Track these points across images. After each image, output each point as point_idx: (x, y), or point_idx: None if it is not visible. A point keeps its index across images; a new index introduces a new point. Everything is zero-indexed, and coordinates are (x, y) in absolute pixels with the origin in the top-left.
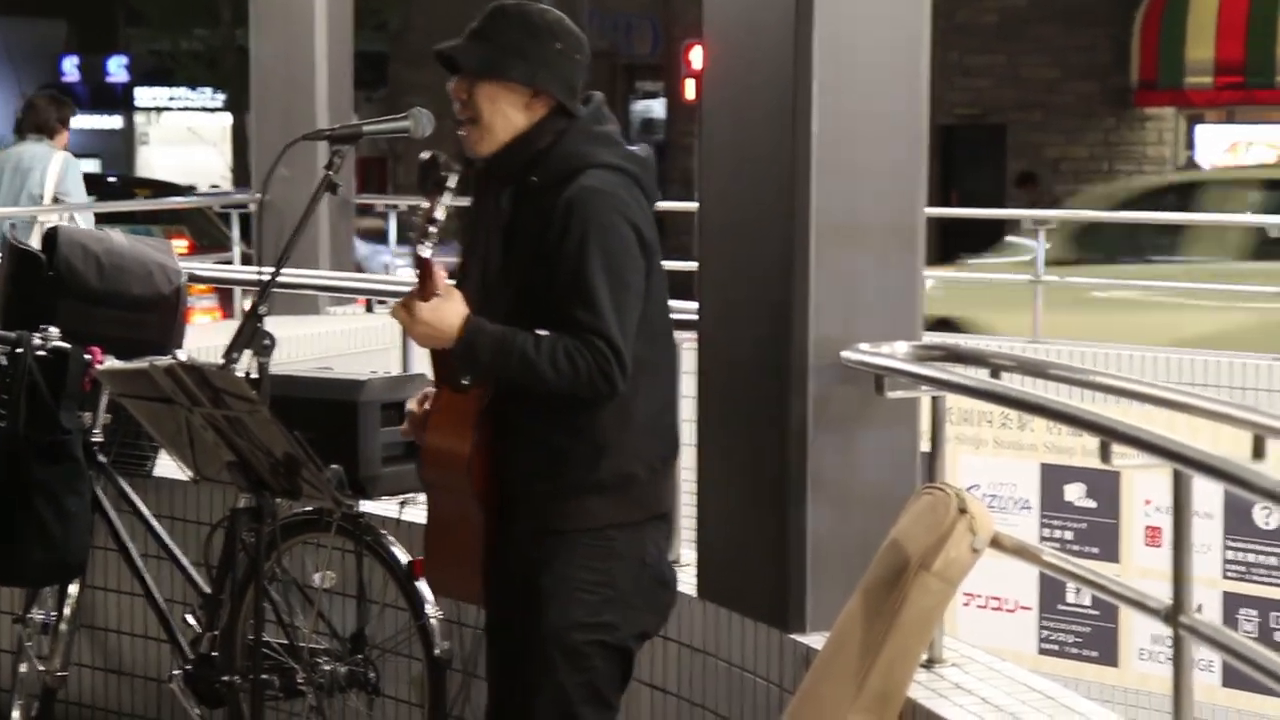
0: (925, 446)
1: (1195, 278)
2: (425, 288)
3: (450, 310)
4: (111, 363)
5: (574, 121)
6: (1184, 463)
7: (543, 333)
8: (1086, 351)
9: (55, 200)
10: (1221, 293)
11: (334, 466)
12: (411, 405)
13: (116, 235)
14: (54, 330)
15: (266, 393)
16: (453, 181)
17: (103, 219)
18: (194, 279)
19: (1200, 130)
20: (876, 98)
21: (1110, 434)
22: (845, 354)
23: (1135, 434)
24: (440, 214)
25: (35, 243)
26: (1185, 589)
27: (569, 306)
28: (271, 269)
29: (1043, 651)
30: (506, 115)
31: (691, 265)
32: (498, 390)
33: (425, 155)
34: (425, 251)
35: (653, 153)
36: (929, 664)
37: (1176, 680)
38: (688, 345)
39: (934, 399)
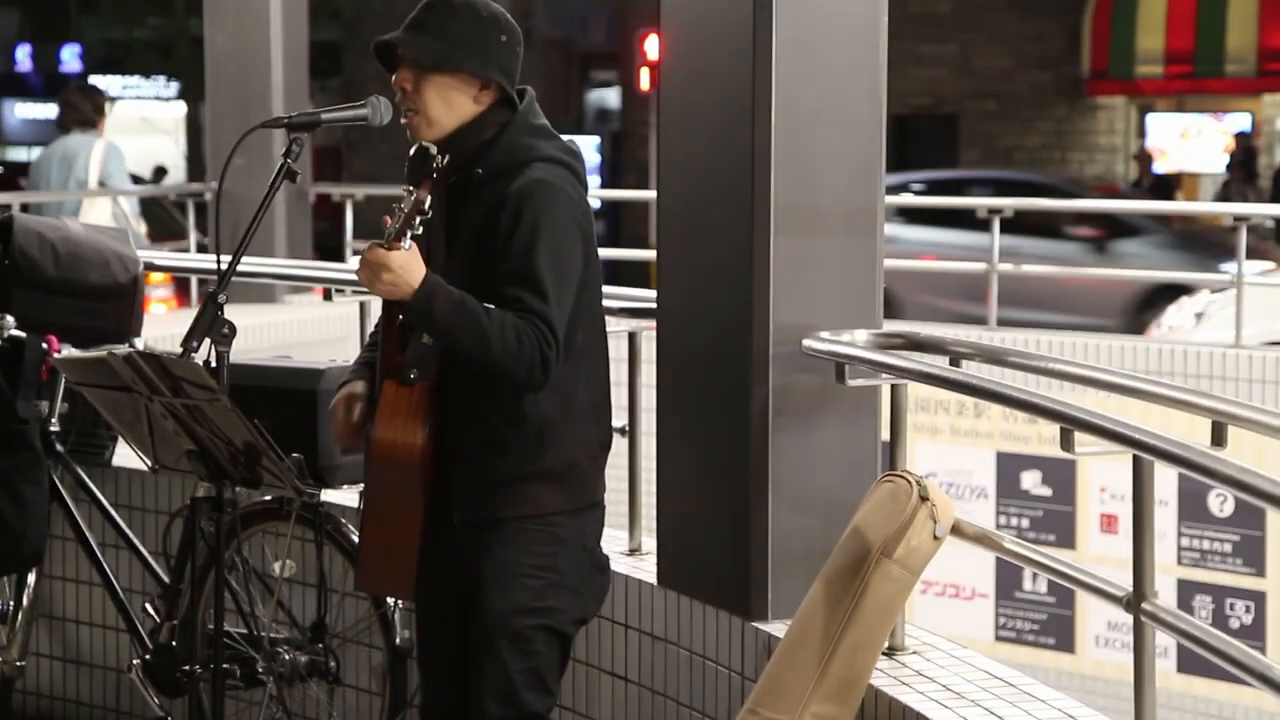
0: (885, 435)
1: None
2: (390, 245)
3: (415, 263)
4: (69, 351)
5: (515, 114)
6: (1145, 450)
7: (492, 307)
8: (1043, 339)
9: (100, 186)
10: None
11: (294, 455)
12: (338, 409)
13: (74, 224)
14: (10, 319)
15: (225, 381)
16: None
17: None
18: (151, 267)
19: (1151, 119)
20: (835, 85)
21: (1071, 421)
22: (806, 342)
23: (1096, 421)
24: (429, 204)
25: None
26: (1146, 575)
27: (515, 289)
28: (229, 257)
29: (999, 639)
30: (454, 106)
31: (647, 254)
32: (442, 382)
33: (416, 147)
34: (405, 243)
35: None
36: (891, 652)
37: (1138, 666)
38: (646, 334)
39: (894, 387)
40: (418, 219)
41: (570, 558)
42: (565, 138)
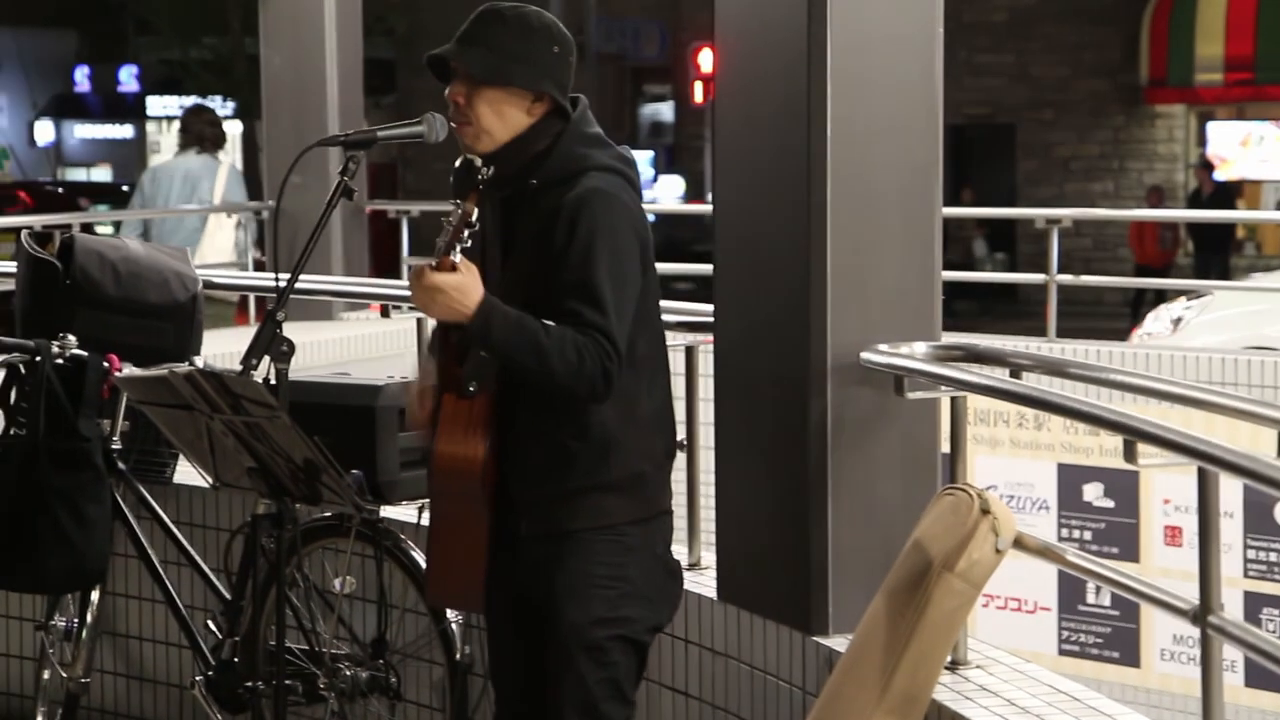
0: (944, 448)
1: None
2: (441, 263)
3: (471, 283)
4: (130, 370)
5: (568, 124)
6: (1210, 461)
7: (550, 324)
8: (1104, 349)
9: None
10: None
11: (354, 471)
12: (413, 403)
13: (133, 243)
14: (72, 338)
15: (285, 398)
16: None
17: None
18: (210, 286)
19: (1212, 127)
20: (891, 96)
21: (1135, 433)
22: (864, 355)
23: (1160, 433)
24: (475, 217)
25: (207, 247)
26: (1213, 588)
27: (574, 303)
28: (287, 275)
29: (1063, 652)
30: (507, 118)
31: (703, 268)
32: (502, 394)
33: (460, 160)
34: (455, 256)
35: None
36: (953, 666)
37: (1206, 681)
38: (704, 348)
39: (954, 399)
40: (465, 232)
41: (641, 566)
42: (620, 147)
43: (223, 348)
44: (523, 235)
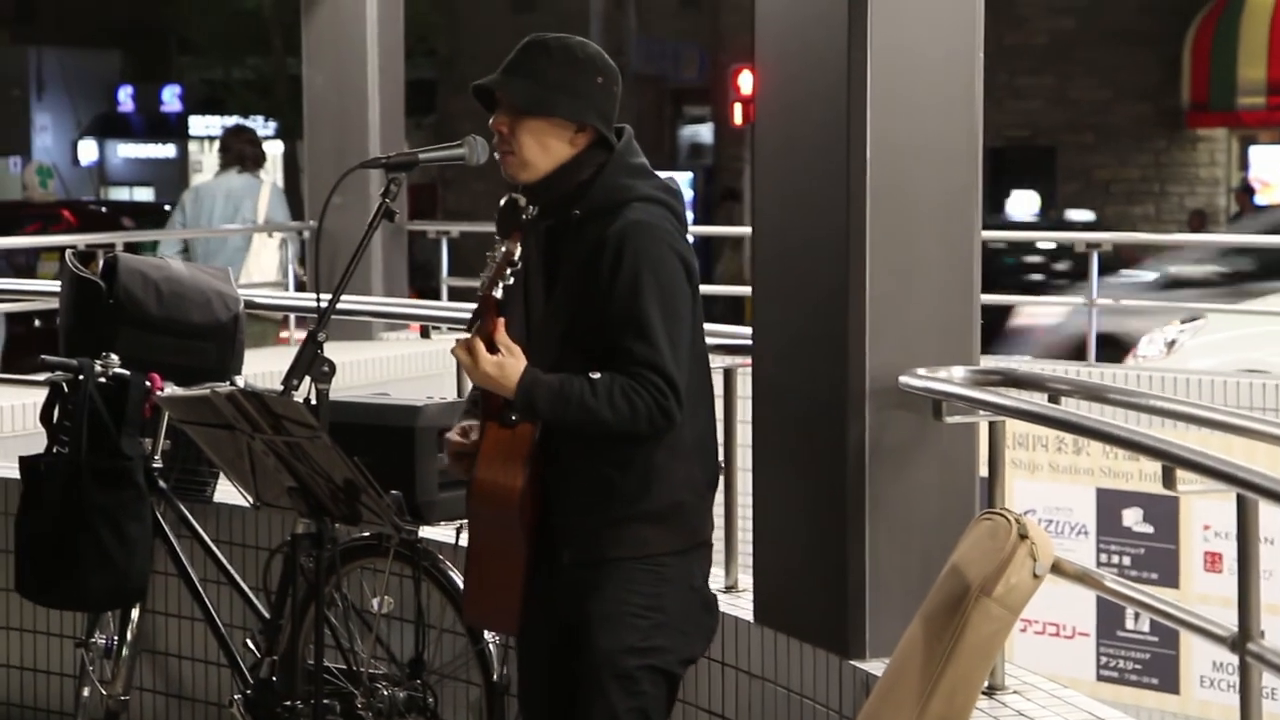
0: (982, 471)
1: None
2: (486, 323)
3: (511, 366)
4: (171, 389)
5: (612, 155)
6: (1250, 488)
7: (596, 375)
8: (1142, 374)
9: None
10: None
11: (394, 492)
12: (453, 435)
13: (175, 263)
14: (114, 357)
15: (326, 419)
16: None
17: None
18: (251, 305)
19: (1254, 151)
20: (931, 120)
21: (1174, 459)
22: (903, 379)
23: (1199, 459)
24: (518, 255)
25: (252, 266)
26: (1252, 616)
27: (623, 339)
28: (329, 295)
29: (1101, 678)
30: (550, 149)
31: (740, 290)
32: (546, 424)
33: (505, 198)
34: (497, 293)
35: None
36: (990, 691)
37: (1244, 708)
38: (742, 370)
39: (991, 424)
40: (508, 270)
41: (677, 598)
42: (663, 175)
43: (264, 367)
44: (566, 266)
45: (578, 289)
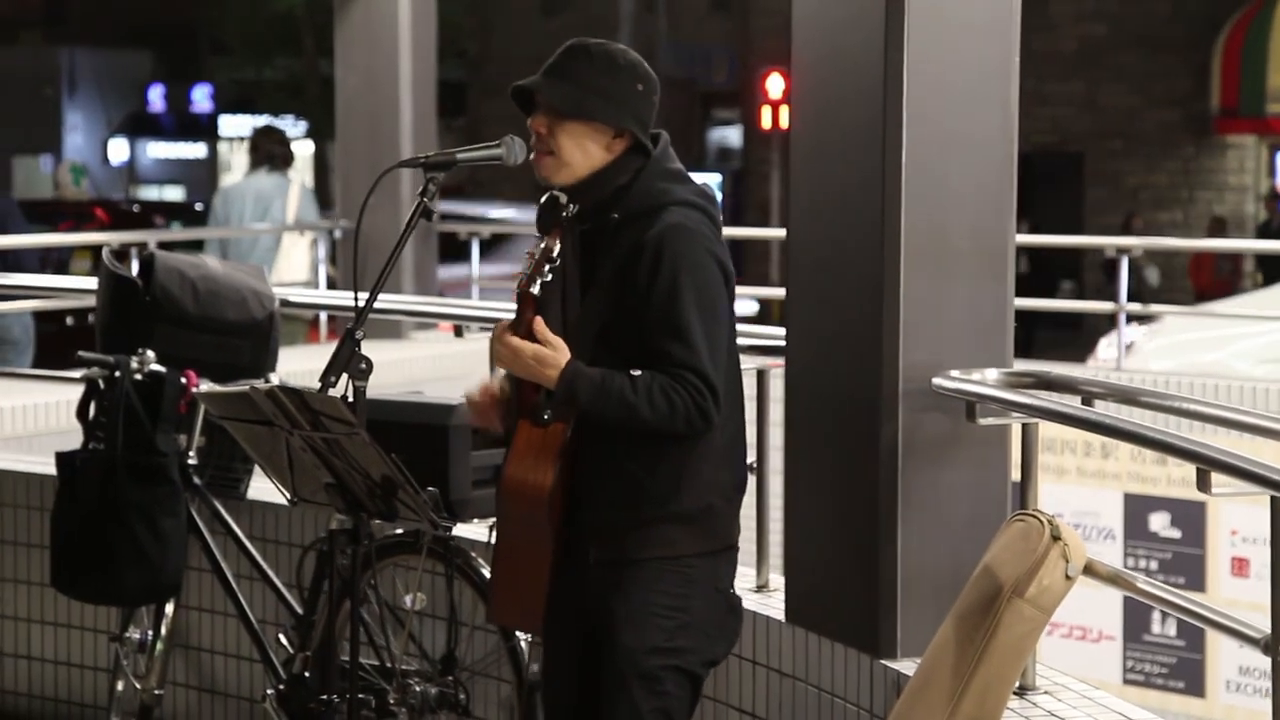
0: (1014, 475)
1: None
2: (522, 320)
3: (552, 356)
4: (210, 386)
5: (649, 160)
6: None
7: (637, 372)
8: (1172, 378)
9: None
10: None
11: (430, 489)
12: (472, 392)
13: (212, 261)
14: (150, 354)
15: (363, 416)
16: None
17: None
18: (287, 304)
19: None
20: (966, 122)
21: (1209, 462)
22: (936, 380)
23: (1235, 462)
24: (557, 252)
25: (282, 266)
26: None
27: (663, 342)
28: (366, 294)
29: (1127, 682)
30: (588, 153)
31: (773, 291)
32: (578, 422)
33: (546, 196)
34: (535, 288)
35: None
36: (1021, 691)
37: (1276, 712)
38: (774, 371)
39: (1025, 426)
40: (547, 267)
41: (703, 600)
42: (699, 181)
43: (296, 365)
44: (603, 269)
45: (614, 292)
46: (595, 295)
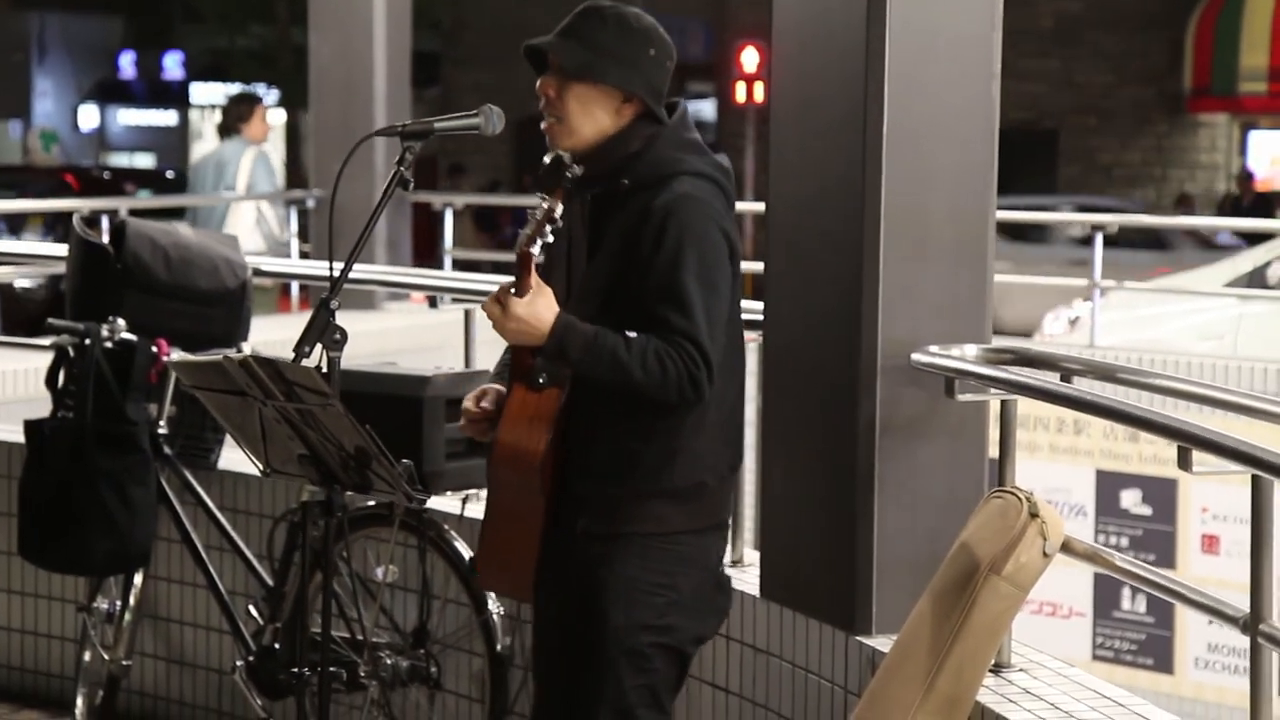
0: (993, 451)
1: None
2: (522, 283)
3: (543, 307)
4: (178, 355)
5: (663, 127)
6: (1266, 468)
7: (632, 335)
8: (1146, 356)
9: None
10: None
11: (404, 461)
12: (469, 403)
13: (184, 229)
14: (121, 323)
15: (337, 386)
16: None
17: (159, 214)
18: (260, 273)
19: (1254, 136)
20: (948, 99)
21: (1190, 439)
22: (915, 356)
23: (1216, 439)
24: (559, 213)
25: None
26: (1264, 597)
27: (661, 308)
28: (340, 264)
29: (1096, 658)
30: (595, 117)
31: (748, 265)
32: (573, 390)
33: (550, 155)
34: (535, 249)
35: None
36: (997, 668)
37: (1254, 690)
38: (751, 345)
39: (1003, 403)
40: (549, 228)
41: (692, 578)
42: (718, 155)
43: (267, 335)
44: (610, 234)
45: (620, 258)
46: (600, 261)
